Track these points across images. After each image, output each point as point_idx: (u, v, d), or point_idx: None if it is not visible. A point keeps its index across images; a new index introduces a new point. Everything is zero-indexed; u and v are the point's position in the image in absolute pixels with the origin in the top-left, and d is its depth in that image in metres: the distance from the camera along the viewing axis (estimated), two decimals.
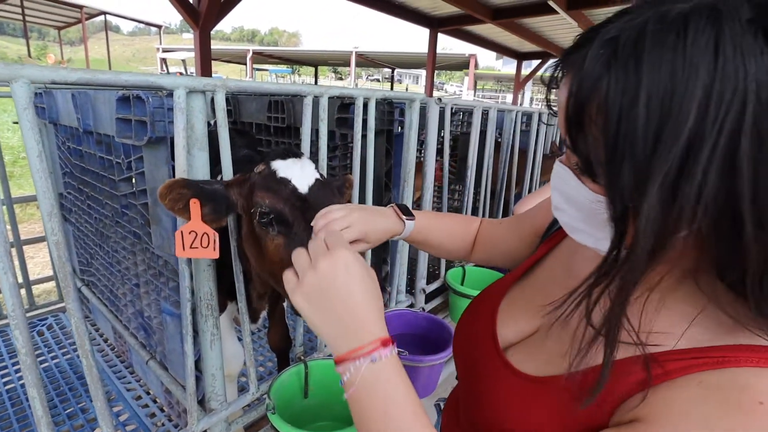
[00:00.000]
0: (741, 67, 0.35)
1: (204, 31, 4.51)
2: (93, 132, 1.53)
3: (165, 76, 0.93)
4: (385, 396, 0.50)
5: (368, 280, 0.55)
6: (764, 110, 0.35)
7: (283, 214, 0.92)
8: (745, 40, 0.36)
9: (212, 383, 1.22)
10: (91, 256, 2.01)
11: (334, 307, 0.53)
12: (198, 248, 0.97)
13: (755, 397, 0.35)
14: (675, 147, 0.37)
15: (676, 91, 0.36)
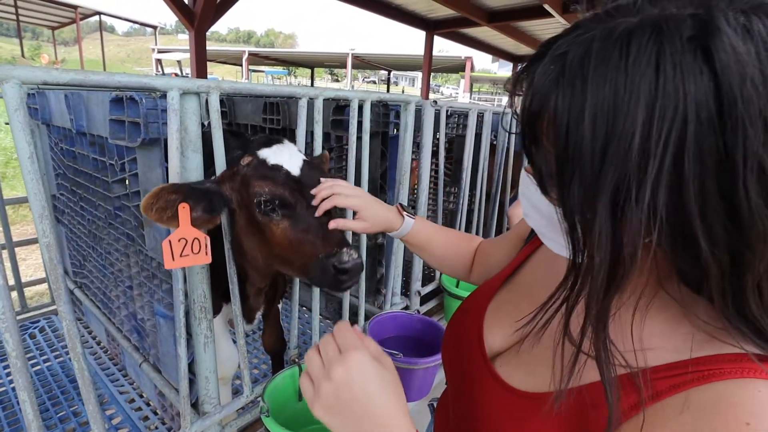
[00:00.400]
0: (681, 87, 0.36)
1: (199, 32, 4.50)
2: (86, 133, 1.52)
3: (158, 77, 0.92)
4: None
5: (386, 377, 0.53)
6: (705, 131, 0.36)
7: (284, 199, 0.95)
8: (685, 59, 0.36)
9: (206, 386, 1.21)
10: (83, 258, 2.00)
11: (355, 414, 0.51)
12: (189, 255, 0.95)
13: (742, 417, 0.35)
14: (621, 165, 0.37)
15: (619, 110, 0.37)
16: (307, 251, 0.96)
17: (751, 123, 0.35)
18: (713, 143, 0.36)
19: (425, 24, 8.72)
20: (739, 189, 0.36)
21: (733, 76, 0.35)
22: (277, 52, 26.51)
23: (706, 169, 0.36)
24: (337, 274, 0.94)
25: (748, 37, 0.36)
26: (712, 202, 0.37)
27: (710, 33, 0.36)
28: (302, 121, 1.28)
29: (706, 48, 0.36)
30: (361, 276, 1.79)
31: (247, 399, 1.34)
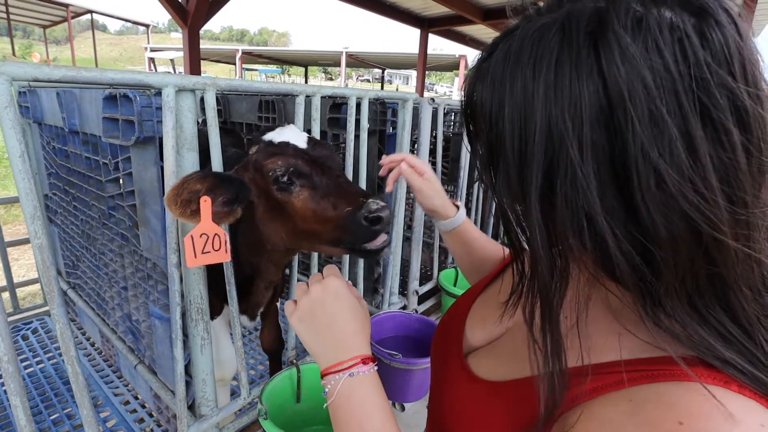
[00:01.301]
0: (576, 86, 0.36)
1: (193, 30, 4.46)
2: (79, 132, 1.49)
3: (153, 74, 0.91)
4: (359, 407, 0.54)
5: (355, 306, 0.62)
6: (597, 132, 0.36)
7: (299, 168, 0.96)
8: (581, 56, 0.36)
9: (203, 388, 1.19)
10: (77, 259, 1.97)
11: (322, 327, 0.59)
12: (210, 252, 0.93)
13: (677, 416, 0.35)
14: (539, 160, 0.38)
15: (528, 108, 0.38)
16: (333, 214, 0.95)
17: (641, 123, 0.34)
18: (605, 144, 0.36)
19: (420, 22, 8.70)
20: (635, 192, 0.35)
21: (619, 73, 0.35)
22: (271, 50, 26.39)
23: (603, 171, 0.36)
24: (370, 225, 0.93)
25: (638, 31, 0.35)
26: (611, 204, 0.37)
27: (601, 28, 0.36)
28: (299, 119, 1.26)
29: (596, 44, 0.36)
30: (359, 274, 1.78)
31: (244, 401, 1.32)
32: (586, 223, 0.38)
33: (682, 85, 0.34)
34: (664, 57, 0.34)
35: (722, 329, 0.37)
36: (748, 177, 0.35)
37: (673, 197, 0.35)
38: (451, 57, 19.18)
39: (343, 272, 1.70)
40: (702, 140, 0.34)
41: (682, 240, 0.36)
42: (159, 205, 1.11)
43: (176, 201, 0.86)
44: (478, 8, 7.24)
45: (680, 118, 0.34)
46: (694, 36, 0.34)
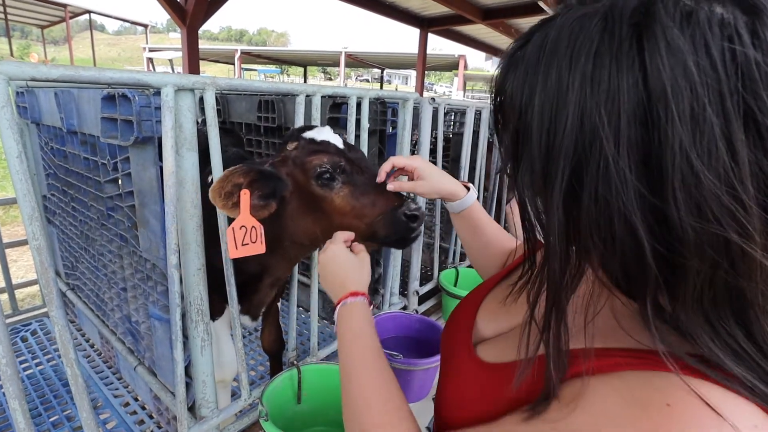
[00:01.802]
0: (615, 79, 0.35)
1: (191, 30, 4.45)
2: (77, 132, 1.48)
3: (152, 73, 0.90)
4: (349, 326, 0.70)
5: (348, 261, 0.81)
6: (633, 126, 0.35)
7: (343, 166, 1.01)
8: (622, 49, 0.35)
9: (203, 390, 1.18)
10: (76, 260, 1.96)
11: (328, 279, 0.80)
12: (249, 244, 0.97)
13: (665, 399, 0.36)
14: (567, 154, 0.37)
15: (561, 100, 0.37)
16: (371, 212, 1.01)
17: (681, 120, 0.33)
18: (642, 140, 0.35)
19: (419, 21, 8.70)
20: (668, 191, 0.34)
21: (663, 67, 0.33)
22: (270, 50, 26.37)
23: (637, 168, 0.35)
24: (408, 222, 1.00)
25: (686, 25, 0.33)
26: (638, 204, 0.35)
27: (647, 20, 0.34)
28: (299, 119, 1.25)
29: (640, 37, 0.35)
30: None
31: (245, 402, 1.31)
32: (617, 221, 0.37)
33: (728, 84, 0.32)
34: (712, 54, 0.33)
35: (735, 344, 0.36)
36: None
37: (707, 200, 0.33)
38: (451, 57, 19.18)
39: None
40: (743, 144, 0.32)
41: (709, 246, 0.34)
42: (158, 205, 1.10)
43: (220, 193, 0.91)
44: (478, 8, 7.24)
45: (723, 119, 0.32)
46: (745, 34, 0.32)
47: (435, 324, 1.76)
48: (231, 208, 0.93)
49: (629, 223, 0.36)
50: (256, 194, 0.96)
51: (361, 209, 1.01)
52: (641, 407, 0.36)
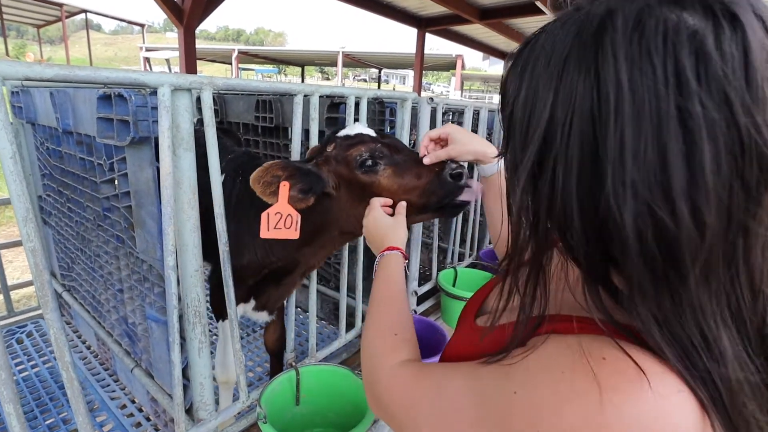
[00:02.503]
0: (575, 81, 0.40)
1: (188, 30, 4.42)
2: (73, 132, 1.47)
3: (149, 73, 0.89)
4: (382, 272, 0.86)
5: (390, 222, 0.99)
6: (585, 126, 0.39)
7: (381, 150, 1.09)
8: (586, 55, 0.40)
9: (200, 392, 1.17)
10: (72, 261, 1.94)
11: (372, 236, 0.99)
12: (281, 229, 1.06)
13: (601, 354, 0.41)
14: (533, 143, 0.43)
15: (538, 97, 0.43)
16: (419, 182, 1.09)
17: (622, 121, 0.37)
18: (590, 137, 0.39)
19: (417, 21, 8.69)
20: (607, 185, 0.38)
21: (608, 74, 0.38)
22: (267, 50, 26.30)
23: (584, 161, 0.40)
24: (455, 181, 1.07)
25: (635, 36, 0.37)
26: (585, 193, 0.41)
27: (605, 30, 0.39)
28: (298, 119, 1.24)
29: (598, 45, 0.39)
30: (358, 275, 1.76)
31: (243, 404, 1.30)
32: (565, 208, 0.42)
33: (664, 89, 0.36)
34: (653, 62, 0.36)
35: (679, 330, 0.40)
36: (718, 203, 0.36)
37: (641, 197, 0.37)
38: (448, 57, 19.18)
39: (341, 274, 1.68)
40: (673, 144, 0.36)
41: (648, 237, 0.38)
42: (155, 206, 1.09)
43: (260, 181, 1.00)
44: (475, 8, 7.24)
45: (657, 124, 0.36)
46: (688, 44, 0.36)
47: (434, 324, 1.75)
48: (268, 195, 1.02)
49: (569, 208, 0.42)
50: (296, 188, 1.04)
51: (408, 183, 1.09)
52: (582, 356, 0.41)
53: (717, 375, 0.39)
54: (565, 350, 0.44)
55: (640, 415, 0.37)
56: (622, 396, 0.38)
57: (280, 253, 1.32)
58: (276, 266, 1.36)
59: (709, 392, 0.39)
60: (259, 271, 1.37)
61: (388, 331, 0.72)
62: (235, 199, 1.36)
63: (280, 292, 1.48)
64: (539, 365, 0.45)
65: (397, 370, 0.63)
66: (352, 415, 1.31)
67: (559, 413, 0.41)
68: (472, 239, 2.67)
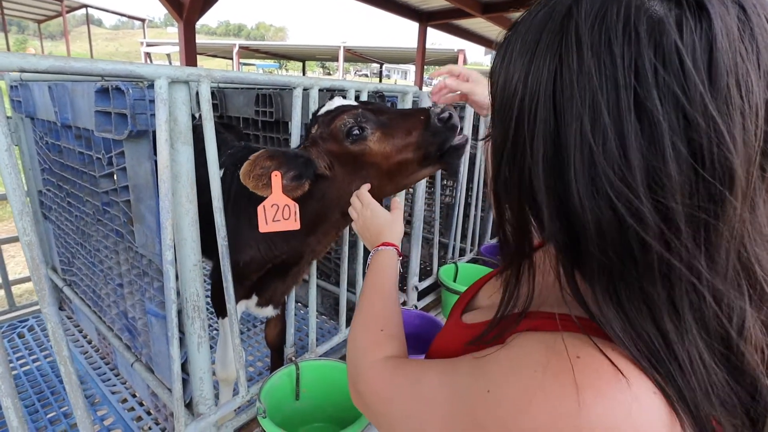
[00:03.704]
0: (541, 69, 0.40)
1: (188, 24, 4.40)
2: (71, 126, 1.46)
3: (146, 65, 0.88)
4: (374, 267, 0.85)
5: (385, 217, 0.97)
6: (548, 113, 0.39)
7: (364, 115, 1.05)
8: (551, 43, 0.40)
9: (200, 387, 1.17)
10: (72, 255, 1.94)
11: (368, 230, 0.97)
12: (280, 221, 1.04)
13: (576, 352, 0.40)
14: (506, 127, 0.44)
15: (510, 81, 0.43)
16: (410, 139, 1.05)
17: (582, 109, 0.37)
18: (553, 124, 0.39)
19: (418, 15, 8.63)
20: (569, 171, 0.38)
21: (570, 61, 0.38)
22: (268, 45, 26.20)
23: (548, 148, 0.40)
24: (446, 124, 1.03)
25: (597, 24, 0.37)
26: (550, 180, 0.40)
27: (570, 18, 0.39)
28: (297, 113, 1.23)
29: (563, 33, 0.39)
30: (357, 270, 1.76)
31: (242, 399, 1.30)
32: (530, 189, 0.43)
33: (624, 80, 0.35)
34: (613, 51, 0.36)
35: (640, 329, 0.39)
36: (681, 190, 0.35)
37: (600, 184, 0.37)
38: (450, 51, 19.08)
39: (341, 269, 1.67)
40: (632, 137, 0.35)
41: (608, 228, 0.38)
42: (154, 200, 1.08)
43: (249, 175, 0.98)
44: (477, 1, 7.18)
45: (616, 111, 0.36)
46: (649, 34, 0.35)
47: (435, 320, 1.75)
48: (262, 189, 1.00)
49: (542, 193, 0.41)
50: (288, 176, 1.01)
51: (400, 142, 1.05)
52: (556, 353, 0.41)
53: (679, 376, 0.38)
54: (540, 348, 0.43)
55: (616, 417, 0.37)
56: (597, 396, 0.37)
57: (284, 247, 1.30)
58: (280, 260, 1.34)
59: (676, 393, 0.38)
60: (263, 266, 1.36)
61: (374, 326, 0.72)
62: (234, 193, 1.34)
63: (287, 284, 1.46)
64: (512, 363, 0.44)
65: (378, 365, 0.63)
66: (351, 410, 1.30)
67: (529, 412, 0.40)
68: (473, 234, 2.66)
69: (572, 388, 0.38)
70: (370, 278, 0.83)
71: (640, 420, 0.37)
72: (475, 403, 0.45)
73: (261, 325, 2.28)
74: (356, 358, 0.68)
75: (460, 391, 0.48)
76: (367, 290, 0.80)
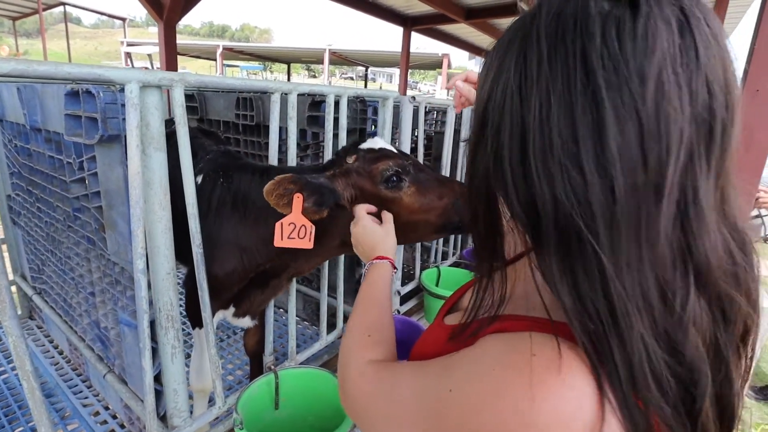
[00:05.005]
0: (510, 64, 0.43)
1: (169, 25, 4.32)
2: (41, 129, 1.41)
3: (115, 68, 0.85)
4: (368, 279, 0.87)
5: (377, 231, 1.01)
6: (516, 105, 0.43)
7: (406, 167, 1.09)
8: (520, 42, 0.43)
9: (174, 398, 1.14)
10: (42, 262, 1.87)
11: (362, 245, 1.00)
12: (295, 239, 1.07)
13: (534, 350, 0.42)
14: (480, 119, 0.47)
15: (487, 79, 0.47)
16: (439, 204, 1.10)
17: (539, 101, 0.40)
18: (518, 114, 0.42)
19: (402, 20, 8.66)
20: (531, 158, 0.41)
21: (531, 56, 0.41)
22: (253, 46, 25.95)
23: (514, 137, 0.43)
24: None
25: (556, 23, 0.40)
26: (517, 167, 0.43)
27: (532, 18, 0.43)
28: (275, 117, 1.21)
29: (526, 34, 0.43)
30: (339, 276, 1.74)
31: (219, 410, 1.27)
32: (497, 180, 0.45)
33: (574, 65, 0.38)
34: (566, 43, 0.39)
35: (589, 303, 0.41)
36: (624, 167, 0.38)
37: (555, 162, 0.39)
38: (434, 55, 19.19)
39: (322, 274, 1.65)
40: (581, 117, 0.38)
41: (563, 205, 0.40)
42: (126, 206, 1.05)
43: (272, 193, 1.02)
44: (461, 7, 7.24)
45: (568, 94, 0.39)
46: (595, 27, 0.38)
47: (417, 324, 1.74)
48: (282, 207, 1.04)
49: (509, 183, 0.44)
50: (310, 200, 1.05)
51: (430, 203, 1.10)
52: (514, 352, 0.43)
53: (619, 353, 0.39)
54: (501, 348, 0.45)
55: (566, 412, 0.39)
56: (548, 393, 0.39)
57: (269, 257, 1.27)
58: (263, 269, 1.31)
59: (613, 375, 0.39)
60: (246, 276, 1.32)
61: (363, 331, 0.75)
62: (217, 202, 1.30)
63: (265, 295, 1.43)
64: (473, 363, 0.46)
65: (363, 368, 0.66)
66: (332, 419, 1.28)
67: (485, 411, 0.42)
68: (456, 238, 2.66)
69: (526, 387, 0.40)
70: (364, 289, 0.85)
71: (591, 415, 0.39)
72: (439, 403, 0.48)
73: (240, 333, 2.24)
74: (344, 363, 0.71)
75: (427, 392, 0.50)
76: (360, 300, 0.83)
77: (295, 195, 1.03)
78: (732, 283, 0.42)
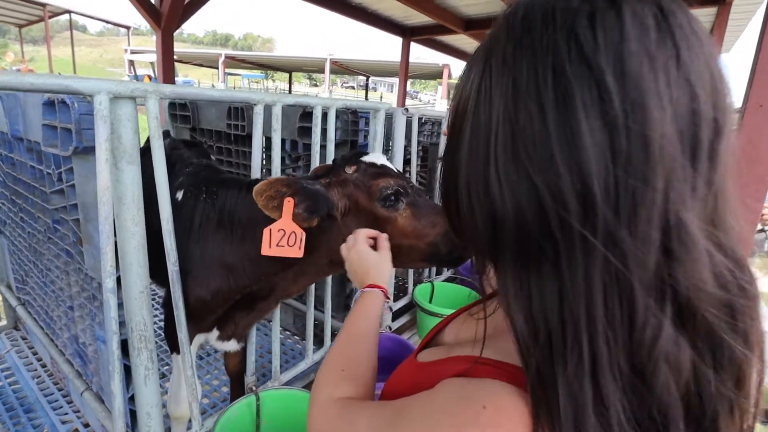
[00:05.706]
0: (475, 71, 0.43)
1: (167, 33, 4.33)
2: (23, 138, 1.38)
3: (83, 79, 0.81)
4: (356, 309, 0.82)
5: (372, 257, 0.93)
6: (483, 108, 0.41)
7: (405, 188, 1.06)
8: (490, 46, 0.42)
9: (147, 423, 1.09)
10: (26, 273, 1.83)
11: (355, 271, 0.94)
12: (284, 246, 1.02)
13: (484, 402, 0.41)
14: (456, 129, 0.45)
15: (464, 91, 0.44)
16: (432, 231, 1.06)
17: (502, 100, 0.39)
18: (483, 117, 0.40)
19: (402, 30, 8.69)
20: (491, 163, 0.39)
21: (498, 51, 0.40)
22: (255, 55, 26.14)
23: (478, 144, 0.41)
24: None
25: (526, 15, 0.39)
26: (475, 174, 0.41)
27: (504, 20, 0.42)
28: (258, 129, 1.18)
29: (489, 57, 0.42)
30: (327, 291, 1.69)
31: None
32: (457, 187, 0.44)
33: (542, 60, 0.36)
34: (533, 39, 0.37)
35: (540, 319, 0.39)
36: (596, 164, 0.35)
37: (521, 161, 0.37)
38: (435, 66, 19.29)
39: (309, 289, 1.61)
40: (550, 111, 0.36)
41: (528, 210, 0.37)
42: None
43: (263, 194, 0.97)
44: (460, 18, 7.27)
45: (535, 89, 0.37)
46: (563, 24, 0.36)
47: (406, 343, 1.69)
48: (270, 210, 0.99)
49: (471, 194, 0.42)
50: (302, 206, 1.01)
51: (423, 229, 1.06)
52: (465, 403, 0.42)
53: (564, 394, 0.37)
54: (454, 396, 0.44)
55: None
56: None
57: (256, 277, 1.21)
58: (249, 291, 1.25)
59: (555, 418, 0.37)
60: (231, 297, 1.25)
61: (337, 365, 0.71)
62: (200, 218, 1.23)
63: (251, 318, 1.36)
64: (426, 409, 0.45)
65: (327, 405, 0.64)
66: None
67: None
68: None
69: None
70: (350, 318, 0.82)
71: None
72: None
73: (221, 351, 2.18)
74: (313, 397, 0.70)
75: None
76: (344, 329, 0.79)
77: (286, 199, 0.99)
78: (725, 317, 0.37)
